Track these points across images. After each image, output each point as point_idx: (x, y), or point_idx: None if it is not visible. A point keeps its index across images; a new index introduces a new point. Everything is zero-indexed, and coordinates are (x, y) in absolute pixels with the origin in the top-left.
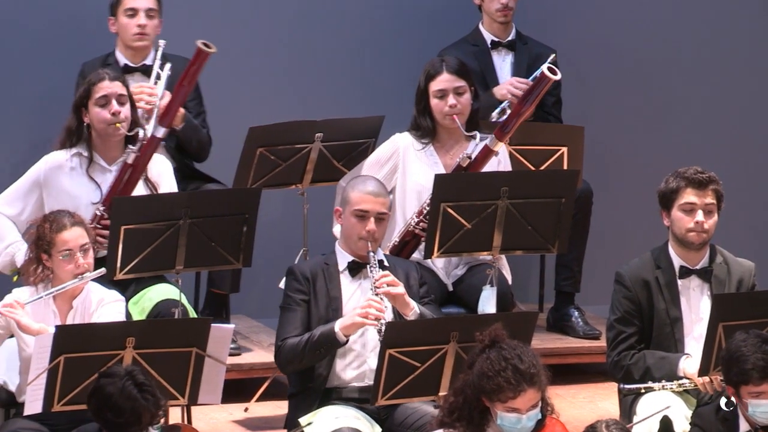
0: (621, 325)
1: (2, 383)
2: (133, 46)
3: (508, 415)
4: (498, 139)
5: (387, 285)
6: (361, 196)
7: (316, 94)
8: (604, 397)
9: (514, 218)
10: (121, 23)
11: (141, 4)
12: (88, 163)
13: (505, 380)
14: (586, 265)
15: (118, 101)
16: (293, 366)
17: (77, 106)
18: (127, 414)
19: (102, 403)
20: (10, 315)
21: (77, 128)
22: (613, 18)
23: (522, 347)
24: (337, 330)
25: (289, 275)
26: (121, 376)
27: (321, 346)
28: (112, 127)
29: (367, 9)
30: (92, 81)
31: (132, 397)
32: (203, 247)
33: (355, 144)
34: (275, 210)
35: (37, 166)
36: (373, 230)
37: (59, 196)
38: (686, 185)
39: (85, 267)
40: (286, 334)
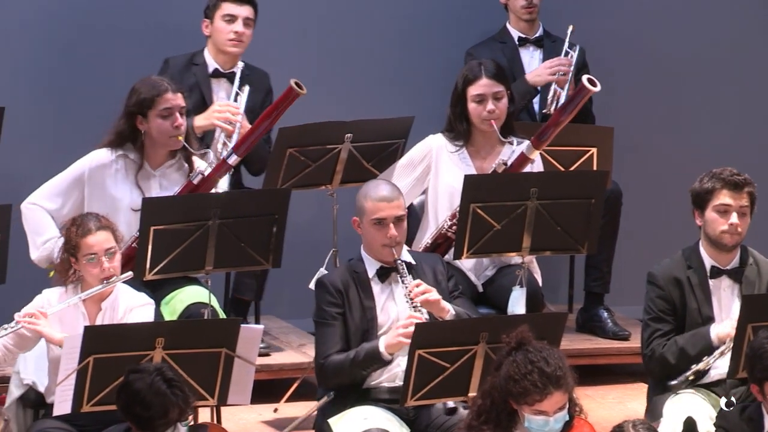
0: (655, 324)
1: (31, 384)
2: (228, 51)
3: (535, 417)
4: (535, 147)
5: (421, 294)
6: (376, 204)
7: (345, 94)
8: (633, 397)
9: (543, 219)
10: (217, 27)
11: (241, 12)
12: (136, 168)
13: (532, 383)
14: (618, 266)
15: (180, 113)
16: (338, 382)
17: (133, 112)
18: (156, 409)
19: (131, 399)
20: (31, 327)
21: (130, 133)
22: (641, 16)
23: (548, 349)
24: (382, 350)
25: (320, 288)
26: (150, 371)
27: (367, 366)
28: (173, 139)
29: (397, 9)
30: (155, 92)
31: (161, 392)
32: (233, 248)
33: (385, 145)
34: (305, 211)
35: (81, 162)
36: (395, 235)
37: (101, 196)
38: (722, 186)
39: (111, 271)
40: (328, 351)
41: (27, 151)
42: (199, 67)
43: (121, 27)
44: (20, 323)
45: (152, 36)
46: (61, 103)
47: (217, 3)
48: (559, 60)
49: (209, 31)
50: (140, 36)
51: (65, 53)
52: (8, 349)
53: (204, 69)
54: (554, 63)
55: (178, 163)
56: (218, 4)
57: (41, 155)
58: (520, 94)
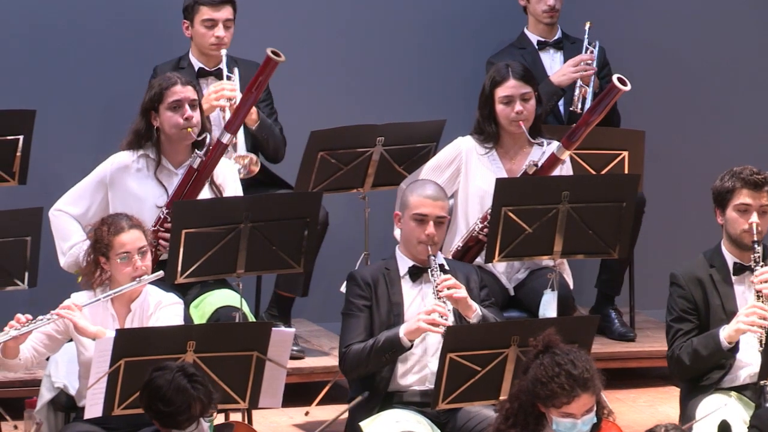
0: (677, 324)
1: (62, 387)
2: (211, 54)
3: (563, 420)
4: (565, 148)
5: (449, 288)
6: (420, 200)
7: (377, 98)
8: (664, 401)
9: (575, 222)
10: (198, 32)
11: (220, 15)
12: (155, 165)
13: (559, 386)
14: (644, 269)
15: (190, 106)
16: (358, 371)
17: (146, 108)
18: (177, 404)
19: (152, 395)
20: (67, 316)
21: (146, 131)
22: (661, 19)
23: (575, 352)
24: (402, 335)
25: (350, 281)
26: (172, 369)
27: (386, 352)
28: (184, 132)
29: (429, 13)
30: (164, 85)
31: (182, 387)
32: (264, 251)
33: (417, 148)
34: (337, 214)
35: (103, 166)
36: (433, 234)
37: (125, 197)
38: (741, 186)
39: (143, 270)
40: (350, 341)
41: (59, 154)
42: (185, 70)
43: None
44: (55, 314)
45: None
46: (92, 106)
47: (195, 6)
48: (581, 57)
49: (190, 33)
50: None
51: (93, 55)
52: (37, 351)
53: (191, 70)
54: (577, 60)
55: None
56: (196, 8)
57: (73, 158)
58: (547, 95)
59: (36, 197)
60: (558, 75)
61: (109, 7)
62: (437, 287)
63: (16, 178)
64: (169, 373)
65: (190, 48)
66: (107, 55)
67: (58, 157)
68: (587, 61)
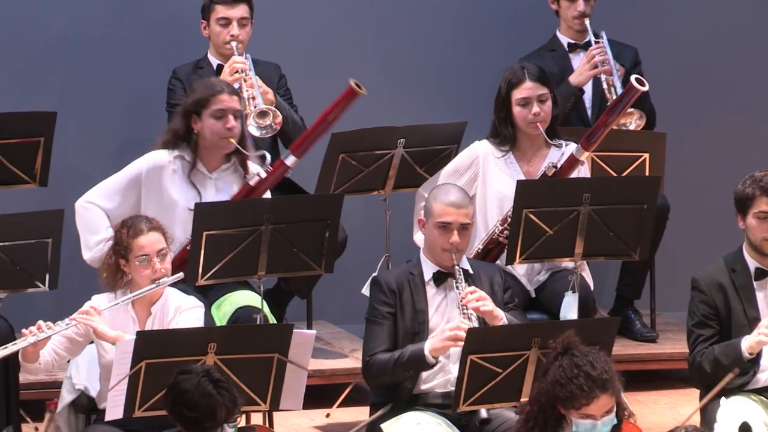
0: (698, 329)
1: (83, 389)
2: (226, 54)
3: (582, 421)
4: (584, 149)
5: (476, 301)
6: (444, 208)
7: (398, 100)
8: (686, 403)
9: (596, 224)
10: (213, 30)
11: (234, 13)
12: (190, 168)
13: (578, 387)
14: (665, 270)
15: (234, 116)
16: (381, 381)
17: (188, 111)
18: (202, 410)
19: (178, 399)
20: (86, 322)
21: (185, 133)
22: (689, 22)
23: (594, 353)
24: (427, 353)
25: (374, 286)
26: (197, 373)
27: (410, 367)
28: (224, 141)
29: (451, 16)
30: (211, 92)
31: (207, 393)
32: (285, 253)
33: (438, 150)
34: (357, 216)
35: (139, 162)
36: (457, 242)
37: (158, 197)
38: (761, 194)
39: (162, 272)
40: (374, 349)
41: (79, 156)
42: (204, 69)
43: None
44: (74, 320)
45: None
46: (112, 108)
47: (211, 5)
48: (590, 52)
49: (207, 33)
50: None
51: (114, 56)
52: (58, 354)
53: (209, 69)
54: (590, 56)
55: (233, 167)
56: (212, 7)
57: (94, 160)
58: (564, 96)
59: (57, 199)
60: (576, 75)
61: (129, 9)
62: (462, 300)
63: (37, 180)
64: (195, 377)
65: (209, 48)
66: (127, 57)
67: (79, 159)
68: (599, 53)
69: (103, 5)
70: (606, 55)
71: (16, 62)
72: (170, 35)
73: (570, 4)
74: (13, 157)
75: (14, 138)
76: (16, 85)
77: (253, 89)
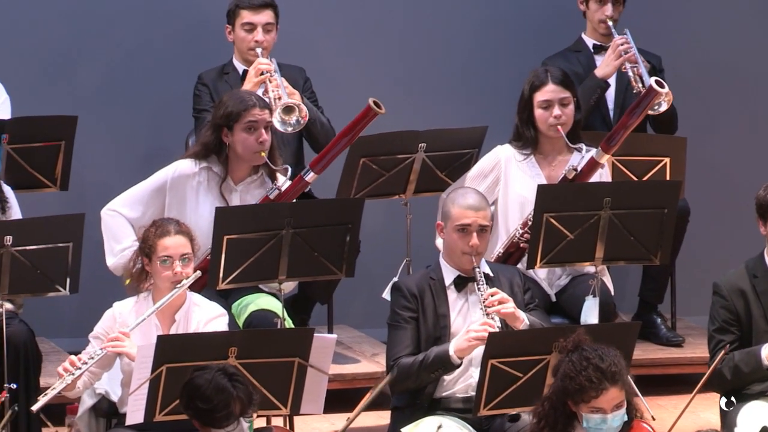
0: (719, 335)
1: (104, 393)
2: (250, 60)
3: (593, 416)
4: (604, 152)
5: (498, 303)
6: (462, 211)
7: (419, 104)
8: (706, 407)
9: (616, 229)
10: (238, 35)
11: (259, 19)
12: (220, 180)
13: (587, 379)
14: (686, 275)
15: (265, 129)
16: (406, 385)
17: (219, 124)
18: (216, 402)
19: (192, 394)
20: (118, 350)
21: (215, 145)
22: (712, 27)
23: (603, 348)
24: (452, 353)
25: (395, 291)
26: (212, 369)
27: (435, 369)
28: (257, 155)
29: (472, 20)
30: (243, 106)
31: (221, 386)
32: (306, 257)
33: (459, 154)
34: (378, 220)
35: (165, 171)
36: (476, 244)
37: (181, 207)
38: None
39: (182, 276)
40: (398, 354)
41: (100, 160)
42: (229, 75)
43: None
44: (105, 348)
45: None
46: (135, 113)
47: (236, 10)
48: (615, 43)
49: (232, 38)
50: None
51: (136, 62)
52: (92, 372)
53: (235, 75)
54: (614, 48)
55: (260, 179)
56: (237, 11)
57: (115, 165)
58: (591, 89)
59: (77, 203)
60: (601, 67)
61: (155, 14)
62: (485, 302)
63: (58, 184)
64: (209, 372)
65: (234, 53)
66: (151, 62)
67: (100, 163)
68: (622, 43)
69: (128, 13)
70: (630, 45)
71: (41, 67)
72: (194, 41)
73: (598, 6)
74: (34, 161)
75: (35, 142)
76: (41, 89)
77: (278, 89)
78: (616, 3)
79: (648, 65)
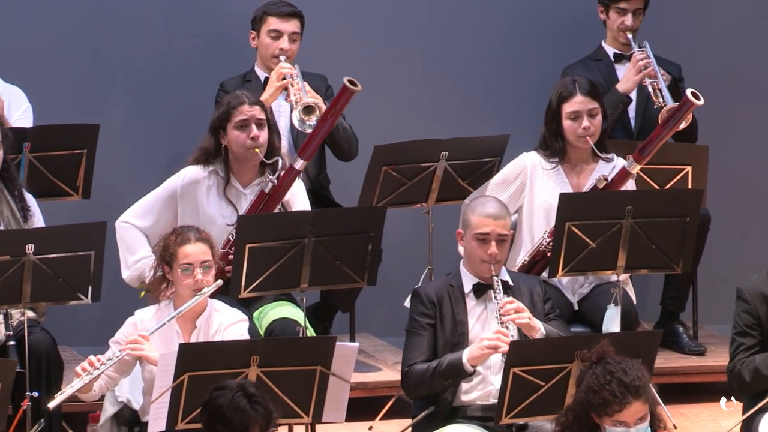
0: (740, 338)
1: (126, 401)
2: (273, 67)
3: (615, 429)
4: (636, 162)
5: (515, 312)
6: (481, 220)
7: (441, 113)
8: (728, 416)
9: (638, 237)
10: (263, 42)
11: (286, 27)
12: (224, 184)
13: (611, 393)
14: (708, 284)
15: (257, 125)
16: (420, 392)
17: (215, 127)
18: (235, 424)
19: (212, 415)
20: (136, 353)
21: (214, 149)
22: (732, 36)
23: (627, 361)
24: (465, 361)
25: (414, 298)
26: (232, 388)
27: (448, 376)
28: (251, 152)
29: (493, 29)
30: (232, 104)
31: (240, 408)
32: (328, 266)
33: (481, 163)
34: (400, 228)
35: (173, 179)
36: (495, 253)
37: (194, 213)
38: None
39: (203, 284)
40: (413, 360)
41: (122, 168)
42: (251, 82)
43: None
44: (124, 351)
45: (239, 55)
46: (157, 120)
47: (263, 16)
48: (635, 59)
49: (256, 44)
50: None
51: (158, 70)
52: (110, 377)
53: (257, 82)
54: (633, 63)
55: (267, 181)
56: (264, 18)
57: (137, 173)
58: (613, 104)
59: (99, 211)
60: (623, 82)
61: (177, 22)
62: (500, 311)
63: (80, 192)
64: (229, 392)
65: (256, 60)
66: (173, 70)
67: (122, 171)
68: (643, 59)
69: (150, 22)
70: (650, 59)
71: (63, 76)
72: (216, 50)
73: (618, 16)
74: (56, 169)
75: (57, 150)
76: (63, 98)
77: (300, 92)
78: (635, 13)
79: (668, 77)
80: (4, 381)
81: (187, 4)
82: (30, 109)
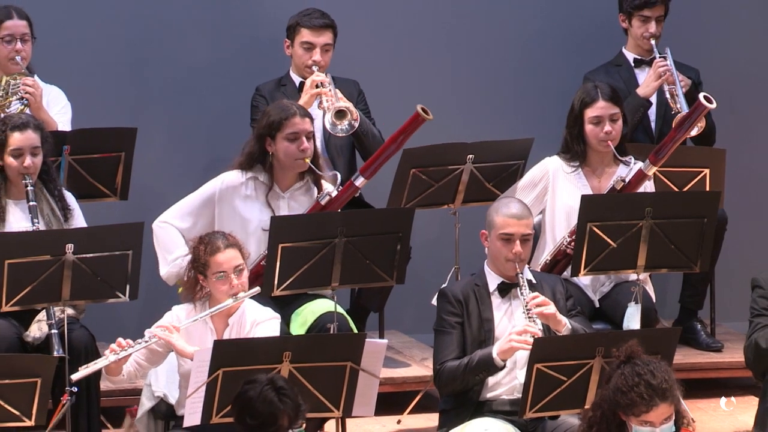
0: (757, 319)
1: (162, 396)
2: (307, 76)
3: (642, 428)
4: (653, 164)
5: (538, 306)
6: (505, 220)
7: (468, 117)
8: (744, 410)
9: (658, 237)
10: (296, 52)
11: (319, 40)
12: (267, 189)
13: (638, 395)
14: (725, 282)
15: (306, 138)
16: (452, 388)
17: (262, 134)
18: (264, 416)
19: (242, 408)
20: (165, 338)
21: (259, 155)
22: (751, 39)
23: (655, 363)
24: (495, 355)
25: (441, 298)
26: (261, 382)
27: (480, 371)
28: (299, 162)
29: (517, 35)
30: (284, 115)
31: (269, 400)
32: (358, 265)
33: (506, 165)
34: (428, 229)
35: (213, 183)
36: (519, 252)
37: (231, 217)
38: None
39: (239, 287)
40: (444, 358)
41: (160, 170)
42: (286, 87)
43: (255, 50)
44: (154, 335)
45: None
46: (193, 123)
47: (297, 27)
48: (656, 65)
49: (290, 52)
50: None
51: (196, 74)
52: (140, 365)
53: (292, 87)
54: (654, 69)
55: (306, 186)
56: (298, 29)
57: (173, 175)
58: (634, 107)
59: (137, 213)
60: (643, 87)
61: (215, 29)
62: (527, 306)
63: (118, 193)
64: (258, 386)
65: (291, 66)
66: (211, 74)
67: (160, 173)
68: (662, 65)
69: (189, 27)
70: (669, 65)
71: (103, 78)
72: (253, 55)
73: (642, 24)
74: (95, 172)
75: (96, 153)
76: (103, 101)
77: (332, 99)
78: (658, 20)
79: (688, 82)
80: (44, 376)
81: (225, 10)
82: (69, 106)
